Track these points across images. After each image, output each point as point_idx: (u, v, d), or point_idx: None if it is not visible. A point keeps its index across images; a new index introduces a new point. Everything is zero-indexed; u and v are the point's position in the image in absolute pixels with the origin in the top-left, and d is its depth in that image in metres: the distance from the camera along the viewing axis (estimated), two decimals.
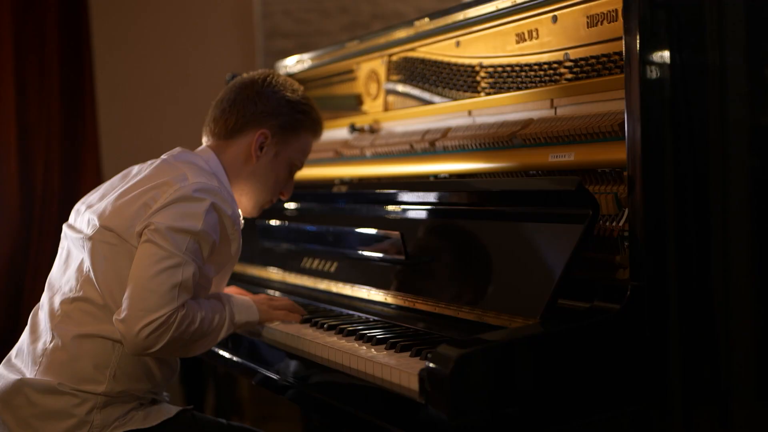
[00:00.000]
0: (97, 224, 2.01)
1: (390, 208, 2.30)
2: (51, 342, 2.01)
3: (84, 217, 2.08)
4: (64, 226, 2.15)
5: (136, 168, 2.17)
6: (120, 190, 2.05)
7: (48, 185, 3.85)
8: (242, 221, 2.21)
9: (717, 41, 1.83)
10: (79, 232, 2.06)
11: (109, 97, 3.98)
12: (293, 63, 3.23)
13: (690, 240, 1.72)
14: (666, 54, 1.73)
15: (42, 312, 2.09)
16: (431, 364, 1.54)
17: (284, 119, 2.23)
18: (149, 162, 2.16)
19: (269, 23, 4.03)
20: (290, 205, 2.82)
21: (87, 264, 2.02)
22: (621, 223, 1.79)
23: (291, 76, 3.25)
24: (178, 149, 2.19)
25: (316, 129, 2.32)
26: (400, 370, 1.71)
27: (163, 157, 2.15)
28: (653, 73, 1.71)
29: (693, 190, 1.74)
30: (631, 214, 1.70)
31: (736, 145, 1.83)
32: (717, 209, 1.79)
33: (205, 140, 2.26)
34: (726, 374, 1.80)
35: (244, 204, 2.27)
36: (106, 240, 1.99)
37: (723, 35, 1.83)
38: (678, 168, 1.72)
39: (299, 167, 2.31)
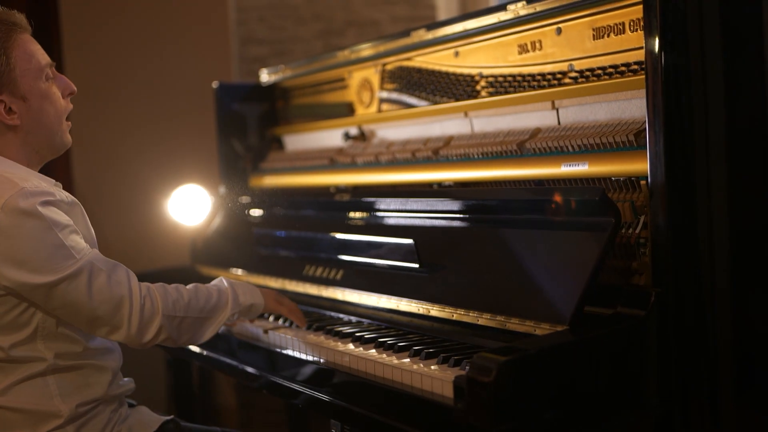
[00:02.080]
0: None
1: (400, 215, 2.33)
2: None
3: None
4: None
5: None
6: None
7: None
8: (59, 186, 2.03)
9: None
10: None
11: (80, 105, 3.93)
12: (282, 70, 3.24)
13: (711, 246, 1.78)
14: (684, 61, 1.76)
15: None
16: (471, 372, 1.57)
17: None
18: None
19: (244, 30, 4.03)
20: (288, 213, 2.83)
21: None
22: (638, 230, 1.84)
23: (278, 83, 3.26)
24: None
25: (14, 31, 1.96)
26: (432, 377, 1.74)
27: None
28: (672, 81, 1.75)
29: (711, 196, 1.79)
30: (653, 221, 1.75)
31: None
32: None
33: None
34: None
35: (51, 146, 2.04)
36: None
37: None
38: (697, 174, 1.78)
39: (49, 63, 2.02)
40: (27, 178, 1.92)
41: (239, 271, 2.84)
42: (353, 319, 2.31)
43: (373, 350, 1.99)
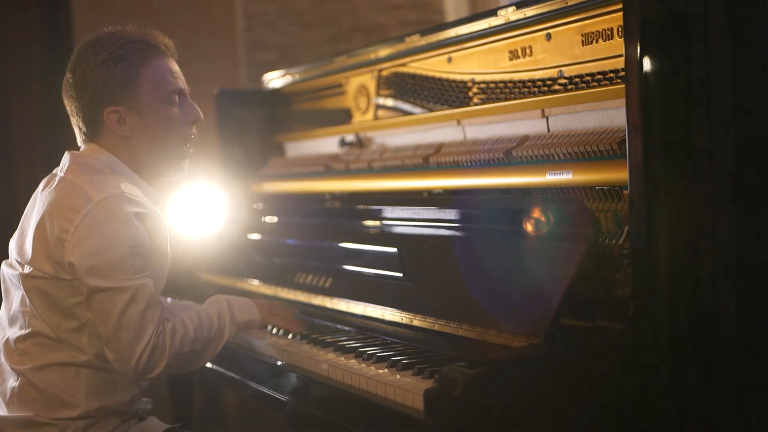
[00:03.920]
0: (24, 264, 1.99)
1: (386, 223, 2.30)
2: (17, 381, 2.01)
3: (14, 254, 2.06)
4: (3, 264, 2.11)
5: (41, 187, 2.08)
6: (33, 224, 1.99)
7: None
8: (160, 201, 2.13)
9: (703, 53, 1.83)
10: (14, 269, 2.03)
11: None
12: (282, 76, 3.23)
13: (690, 258, 1.73)
14: (666, 66, 1.72)
15: (0, 353, 2.07)
16: (439, 385, 1.54)
17: (111, 83, 2.01)
18: (48, 180, 2.07)
19: (252, 35, 4.04)
20: (282, 220, 2.81)
21: (27, 300, 1.99)
22: (621, 241, 1.80)
23: (279, 89, 3.25)
24: (67, 158, 2.07)
25: (150, 53, 2.07)
26: (404, 389, 1.71)
27: (59, 174, 2.05)
28: (654, 87, 1.71)
29: (693, 206, 1.74)
30: (632, 232, 1.71)
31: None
32: (714, 223, 1.79)
33: (83, 145, 2.12)
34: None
35: (165, 168, 2.12)
36: (37, 276, 1.96)
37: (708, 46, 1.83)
38: (677, 184, 1.73)
39: (181, 88, 2.10)
40: (130, 186, 2.01)
41: (237, 279, 2.82)
42: (340, 327, 2.28)
43: (353, 360, 1.97)
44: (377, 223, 2.34)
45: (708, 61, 1.78)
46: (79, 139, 2.12)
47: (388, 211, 2.29)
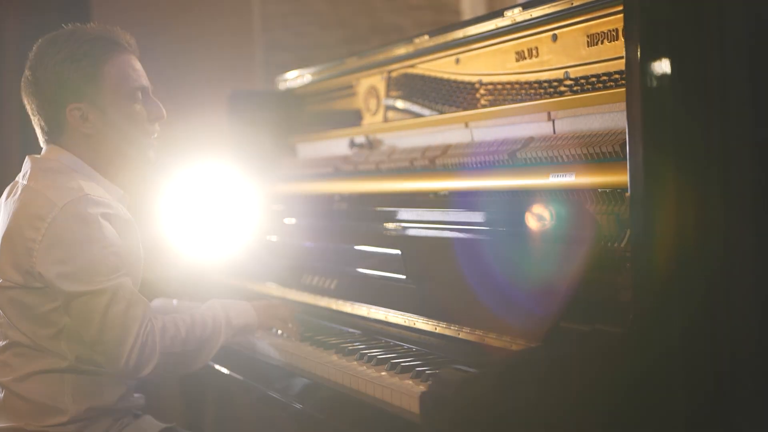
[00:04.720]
0: None
1: (390, 225, 2.30)
2: (1, 393, 2.00)
3: None
4: None
5: (4, 196, 2.06)
6: (1, 234, 1.97)
7: None
8: (125, 198, 2.10)
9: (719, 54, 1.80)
10: None
11: None
12: (293, 77, 3.23)
13: (692, 262, 1.70)
14: (667, 68, 1.70)
15: None
16: (434, 388, 1.53)
17: (74, 80, 1.99)
18: (11, 188, 2.05)
19: (269, 36, 4.04)
20: (291, 221, 2.82)
21: (1, 311, 1.98)
22: (623, 244, 1.78)
23: (291, 90, 3.26)
24: (28, 164, 2.05)
25: (112, 49, 2.04)
26: (402, 392, 1.71)
27: (21, 181, 2.02)
28: (655, 89, 1.68)
29: (697, 209, 1.72)
30: (632, 235, 1.69)
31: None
32: (719, 227, 1.76)
33: (45, 145, 2.10)
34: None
35: (126, 161, 2.10)
36: (8, 287, 1.95)
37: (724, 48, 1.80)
38: (681, 186, 1.71)
39: (143, 85, 2.08)
40: (93, 186, 1.98)
41: (245, 279, 2.83)
42: (345, 329, 2.28)
43: (355, 362, 1.97)
44: (382, 225, 2.34)
45: (722, 63, 1.76)
46: (41, 140, 2.09)
47: (392, 214, 2.29)
